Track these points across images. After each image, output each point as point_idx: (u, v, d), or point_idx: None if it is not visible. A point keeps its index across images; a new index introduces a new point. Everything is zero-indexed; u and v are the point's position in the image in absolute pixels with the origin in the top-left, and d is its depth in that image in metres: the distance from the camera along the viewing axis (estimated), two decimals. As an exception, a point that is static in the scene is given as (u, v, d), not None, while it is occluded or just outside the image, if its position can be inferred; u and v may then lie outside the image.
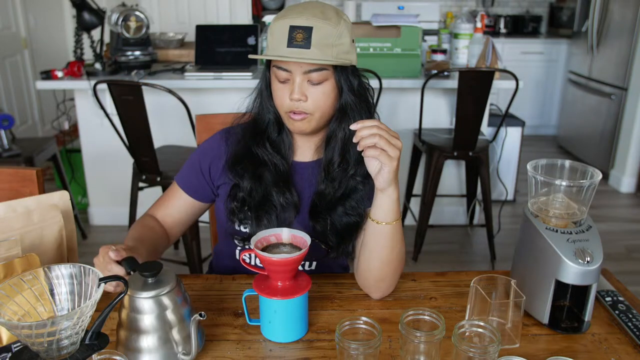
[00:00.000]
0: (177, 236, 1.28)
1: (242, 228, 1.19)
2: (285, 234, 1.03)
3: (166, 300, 0.89)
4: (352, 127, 0.98)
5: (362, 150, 0.99)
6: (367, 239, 1.09)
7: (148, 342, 0.88)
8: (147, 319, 0.88)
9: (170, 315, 0.89)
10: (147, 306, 0.88)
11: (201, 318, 0.88)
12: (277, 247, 1.01)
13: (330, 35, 1.03)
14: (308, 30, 1.02)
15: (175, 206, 1.24)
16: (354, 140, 0.99)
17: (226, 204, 1.18)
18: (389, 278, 1.11)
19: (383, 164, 0.98)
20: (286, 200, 1.14)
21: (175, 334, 0.90)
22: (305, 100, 1.07)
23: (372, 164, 1.00)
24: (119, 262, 0.95)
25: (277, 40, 1.04)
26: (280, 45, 1.03)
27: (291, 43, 1.02)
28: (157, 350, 0.88)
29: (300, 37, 1.02)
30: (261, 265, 1.00)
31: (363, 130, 0.97)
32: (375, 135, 0.96)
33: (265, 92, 1.15)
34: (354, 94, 1.11)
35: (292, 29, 1.02)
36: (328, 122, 1.15)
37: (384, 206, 1.04)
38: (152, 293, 0.88)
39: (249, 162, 1.16)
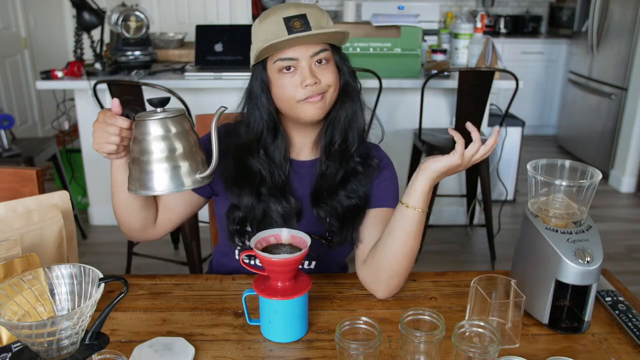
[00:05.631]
0: (167, 225, 1.21)
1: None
2: (284, 234, 1.03)
3: (177, 126, 0.94)
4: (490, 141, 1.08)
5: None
6: (392, 225, 1.07)
7: (174, 159, 0.94)
8: (165, 140, 0.93)
9: (185, 137, 0.95)
10: (158, 129, 0.93)
11: (224, 109, 0.95)
12: (277, 248, 1.01)
13: (321, 18, 1.08)
14: (303, 17, 1.05)
15: (174, 195, 1.18)
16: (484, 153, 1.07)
17: (226, 226, 1.17)
18: (402, 274, 1.09)
19: (457, 168, 1.05)
20: (284, 209, 1.14)
21: (192, 156, 0.95)
22: (319, 83, 1.08)
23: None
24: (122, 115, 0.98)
25: (275, 34, 1.04)
26: (280, 36, 1.03)
27: (291, 31, 1.03)
28: (177, 166, 0.94)
29: (298, 24, 1.04)
30: (261, 265, 1.00)
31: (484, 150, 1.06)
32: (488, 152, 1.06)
33: (261, 96, 1.12)
34: (349, 75, 1.15)
35: (287, 19, 1.04)
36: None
37: (421, 190, 1.03)
38: (162, 115, 0.93)
39: (246, 179, 1.14)
